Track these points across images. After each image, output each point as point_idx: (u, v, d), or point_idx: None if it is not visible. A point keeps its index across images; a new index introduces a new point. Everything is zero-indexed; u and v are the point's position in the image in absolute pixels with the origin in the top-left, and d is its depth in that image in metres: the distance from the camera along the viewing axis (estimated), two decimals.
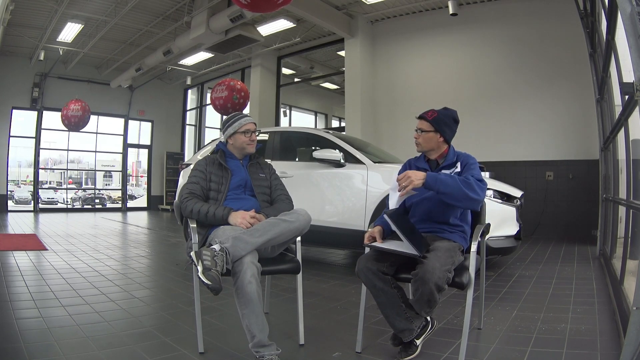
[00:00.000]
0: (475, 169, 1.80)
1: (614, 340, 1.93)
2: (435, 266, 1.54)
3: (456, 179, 1.68)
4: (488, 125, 6.28)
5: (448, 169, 1.84)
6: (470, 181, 1.68)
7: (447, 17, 6.30)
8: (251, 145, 2.12)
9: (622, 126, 2.89)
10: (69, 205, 11.99)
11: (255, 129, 2.14)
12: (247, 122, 2.10)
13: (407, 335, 1.72)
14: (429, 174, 1.68)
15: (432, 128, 1.83)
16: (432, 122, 1.83)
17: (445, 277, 1.56)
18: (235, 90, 7.02)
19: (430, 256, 1.60)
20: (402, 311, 1.70)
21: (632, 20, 1.63)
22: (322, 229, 3.53)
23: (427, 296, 1.57)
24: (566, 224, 5.72)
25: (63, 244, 4.85)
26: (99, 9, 6.90)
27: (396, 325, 1.72)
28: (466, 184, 1.67)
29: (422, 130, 1.85)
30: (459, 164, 1.84)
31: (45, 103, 9.66)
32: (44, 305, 2.41)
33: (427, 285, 1.53)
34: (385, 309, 1.72)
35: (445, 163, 1.85)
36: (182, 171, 4.87)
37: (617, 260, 3.26)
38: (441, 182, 1.65)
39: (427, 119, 1.84)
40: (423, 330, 1.78)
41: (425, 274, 1.54)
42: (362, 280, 1.73)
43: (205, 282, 1.54)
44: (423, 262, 1.58)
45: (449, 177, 1.68)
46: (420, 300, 1.61)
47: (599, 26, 4.01)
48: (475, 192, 1.67)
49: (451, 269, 1.61)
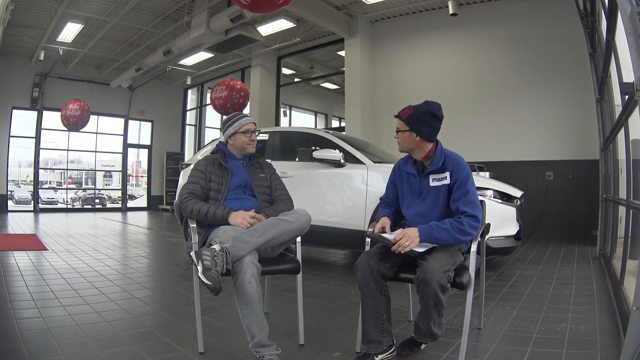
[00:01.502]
0: (470, 187, 1.69)
1: (614, 340, 1.93)
2: (435, 266, 1.53)
3: (450, 230, 1.61)
4: (488, 125, 6.29)
5: (436, 173, 1.75)
6: (464, 227, 1.62)
7: (447, 17, 6.30)
8: (251, 145, 2.11)
9: (622, 126, 2.89)
10: (69, 205, 11.99)
11: (255, 128, 2.13)
12: (247, 122, 2.09)
13: (373, 347, 1.68)
14: (423, 232, 1.62)
15: (407, 127, 1.73)
16: (406, 121, 1.73)
17: (447, 276, 1.55)
18: (234, 90, 7.02)
19: (429, 258, 1.58)
20: (381, 321, 1.68)
21: (632, 20, 1.63)
22: (322, 229, 3.53)
23: (433, 299, 1.54)
24: (566, 224, 5.72)
25: (63, 244, 4.85)
26: (99, 9, 6.90)
27: (369, 334, 1.68)
28: (460, 231, 1.62)
29: (398, 130, 1.77)
30: (448, 173, 1.73)
31: (45, 103, 9.66)
32: (44, 305, 2.41)
33: (430, 286, 1.51)
34: (366, 313, 1.69)
35: (432, 168, 1.75)
36: (182, 171, 4.87)
37: (617, 260, 3.26)
38: (436, 239, 1.61)
39: (402, 118, 1.74)
40: (386, 350, 1.71)
41: (426, 275, 1.52)
42: (358, 275, 1.69)
43: (205, 282, 1.54)
44: (422, 264, 1.57)
45: (443, 230, 1.61)
46: (427, 307, 1.58)
47: (599, 26, 4.01)
48: (469, 235, 1.64)
49: (452, 269, 1.60)
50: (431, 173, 1.76)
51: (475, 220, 1.64)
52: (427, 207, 1.77)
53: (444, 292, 1.55)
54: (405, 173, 1.86)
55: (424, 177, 1.78)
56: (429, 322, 1.65)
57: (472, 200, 1.67)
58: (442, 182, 1.74)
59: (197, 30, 6.82)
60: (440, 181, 1.74)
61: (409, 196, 1.84)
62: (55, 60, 8.96)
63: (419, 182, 1.80)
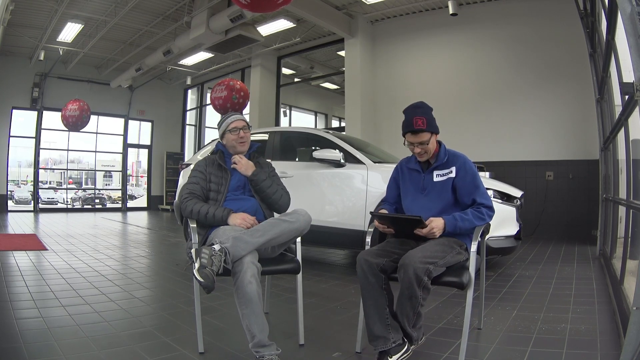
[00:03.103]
0: (480, 185, 1.80)
1: (614, 340, 1.93)
2: (416, 255, 1.58)
3: (472, 220, 1.74)
4: (488, 125, 6.29)
5: (440, 169, 1.83)
6: (483, 216, 1.76)
7: (447, 17, 6.30)
8: (242, 144, 2.06)
9: (622, 126, 2.89)
10: (69, 205, 11.99)
11: (243, 125, 2.06)
12: (233, 120, 2.06)
13: (380, 344, 1.66)
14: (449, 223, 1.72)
15: (429, 136, 1.79)
16: (428, 130, 1.77)
17: (425, 269, 1.54)
18: (234, 90, 7.01)
19: (417, 246, 1.64)
20: (384, 316, 1.68)
21: (632, 20, 1.63)
22: (322, 229, 3.53)
23: (407, 289, 1.56)
24: (566, 224, 5.72)
25: (63, 244, 4.85)
26: (99, 9, 6.90)
27: (374, 330, 1.68)
28: (479, 219, 1.75)
29: (422, 142, 1.78)
30: (454, 168, 1.81)
31: (45, 103, 9.66)
32: (44, 305, 2.41)
33: (406, 273, 1.54)
34: (368, 308, 1.70)
35: (437, 163, 1.83)
36: (182, 171, 4.87)
37: (617, 260, 3.26)
38: (459, 229, 1.73)
39: (424, 129, 1.77)
40: (398, 349, 1.67)
41: (404, 260, 1.57)
42: (358, 271, 1.71)
43: (198, 279, 1.54)
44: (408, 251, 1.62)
45: (467, 220, 1.74)
46: (402, 297, 1.60)
47: (599, 26, 4.01)
48: (485, 221, 1.77)
49: (437, 262, 1.59)
50: (436, 169, 1.85)
51: (492, 210, 1.79)
52: (431, 202, 1.83)
53: (420, 286, 1.55)
54: (408, 170, 1.94)
55: (428, 173, 1.86)
56: (402, 316, 1.65)
57: (485, 192, 1.81)
58: (447, 176, 1.83)
59: (197, 30, 6.82)
60: (445, 176, 1.83)
61: (412, 192, 1.90)
62: (55, 60, 8.96)
63: (422, 178, 1.88)
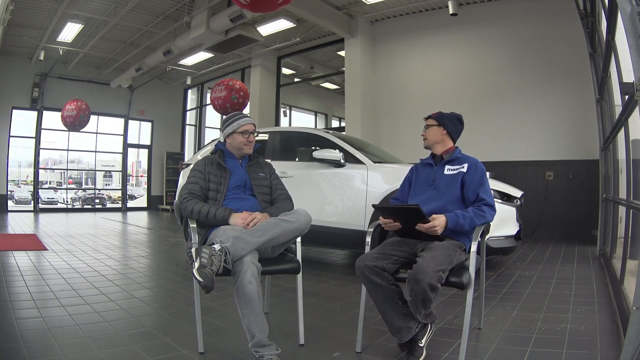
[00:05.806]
0: (486, 184, 1.88)
1: (614, 340, 1.93)
2: (429, 266, 1.57)
3: (472, 218, 1.77)
4: (488, 125, 6.28)
5: (452, 164, 1.94)
6: (484, 214, 1.80)
7: (447, 17, 6.30)
8: (248, 147, 2.10)
9: (622, 126, 2.89)
10: (69, 205, 11.99)
11: (253, 129, 2.12)
12: (245, 123, 2.08)
13: (404, 334, 1.71)
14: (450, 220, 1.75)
15: (435, 122, 2.00)
16: (436, 119, 2.01)
17: (438, 277, 1.57)
18: (234, 90, 7.02)
19: (426, 255, 1.62)
20: (399, 308, 1.71)
21: (632, 20, 1.63)
22: (322, 229, 3.53)
23: (421, 295, 1.58)
24: (566, 224, 5.71)
25: (63, 244, 4.85)
26: (99, 9, 6.90)
27: (393, 324, 1.72)
28: (480, 217, 1.79)
29: (427, 126, 2.02)
30: (466, 165, 1.92)
31: (45, 103, 9.66)
32: (44, 305, 2.41)
33: (420, 285, 1.55)
34: (382, 305, 1.73)
35: (450, 158, 1.96)
36: (182, 171, 4.87)
37: (617, 260, 3.26)
38: (460, 226, 1.76)
39: (432, 117, 2.03)
40: (423, 332, 1.76)
41: (417, 274, 1.56)
42: (359, 275, 1.73)
43: (198, 278, 1.54)
44: (418, 261, 1.61)
45: (468, 218, 1.77)
46: (415, 300, 1.61)
47: (599, 26, 4.01)
48: (486, 220, 1.81)
49: (447, 268, 1.62)
50: (448, 163, 1.96)
51: (493, 209, 1.84)
52: (437, 193, 1.90)
53: (433, 291, 1.58)
54: (422, 166, 2.06)
55: (440, 167, 1.97)
56: (415, 311, 1.68)
57: (489, 191, 1.89)
58: (458, 170, 1.92)
59: (197, 30, 6.82)
60: (456, 170, 1.92)
61: (422, 185, 1.99)
62: (55, 60, 8.95)
63: (434, 171, 1.98)
